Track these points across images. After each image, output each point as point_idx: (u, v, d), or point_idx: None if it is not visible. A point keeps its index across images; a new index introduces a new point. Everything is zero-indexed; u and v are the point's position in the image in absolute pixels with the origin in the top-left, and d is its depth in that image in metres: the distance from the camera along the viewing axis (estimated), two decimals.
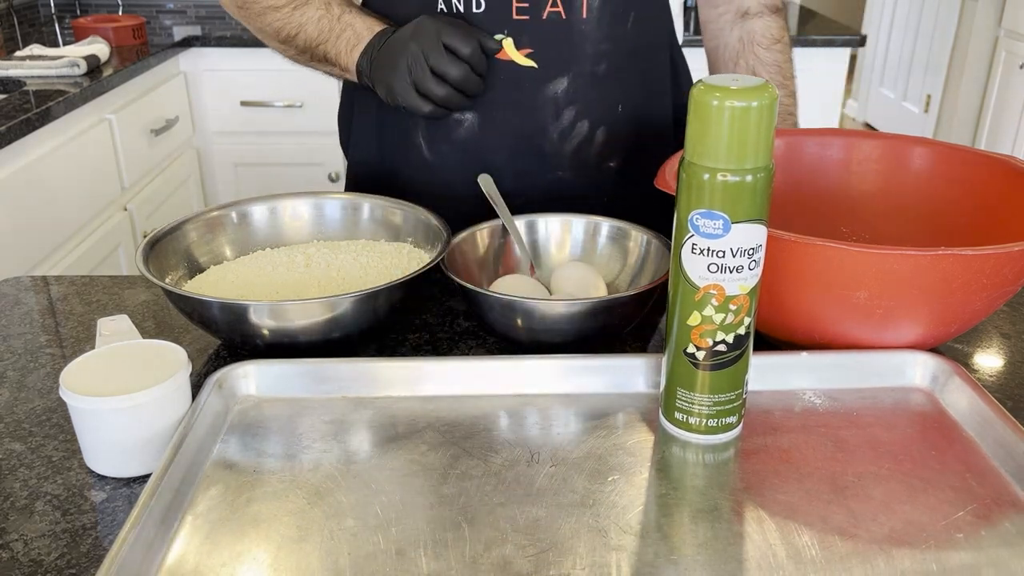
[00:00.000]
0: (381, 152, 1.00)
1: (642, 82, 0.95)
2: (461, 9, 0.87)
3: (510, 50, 0.88)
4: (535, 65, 0.89)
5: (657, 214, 0.81)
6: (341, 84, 1.05)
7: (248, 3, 0.93)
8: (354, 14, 0.90)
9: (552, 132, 0.93)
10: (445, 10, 0.88)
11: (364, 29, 0.89)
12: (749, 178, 0.52)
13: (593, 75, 0.91)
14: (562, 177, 0.95)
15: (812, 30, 2.48)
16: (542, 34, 0.88)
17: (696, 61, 1.03)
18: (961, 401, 0.63)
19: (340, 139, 1.09)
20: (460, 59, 0.82)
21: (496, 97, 0.90)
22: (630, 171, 0.96)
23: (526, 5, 0.87)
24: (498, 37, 0.87)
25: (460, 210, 0.85)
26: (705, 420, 0.59)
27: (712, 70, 1.05)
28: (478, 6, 0.87)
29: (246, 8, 0.94)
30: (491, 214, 0.84)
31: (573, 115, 0.92)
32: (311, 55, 0.93)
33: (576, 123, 0.92)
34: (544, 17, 0.87)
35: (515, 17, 0.87)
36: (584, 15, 0.88)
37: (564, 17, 0.88)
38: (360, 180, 1.04)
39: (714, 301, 0.56)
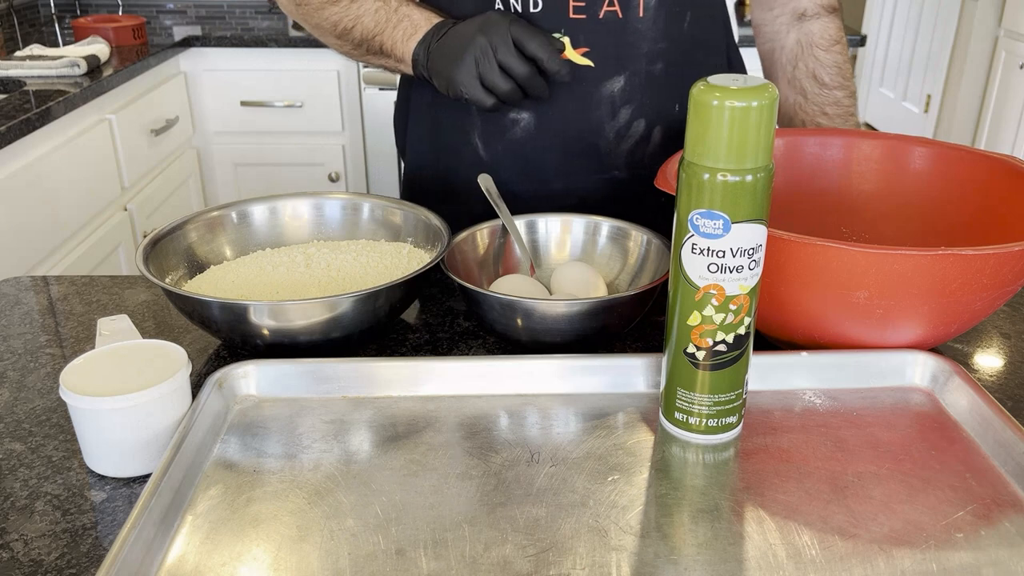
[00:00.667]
0: (436, 153, 1.00)
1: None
2: (519, 8, 0.87)
3: (567, 49, 0.88)
4: (592, 64, 0.89)
5: (658, 213, 0.81)
6: (398, 82, 1.05)
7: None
8: (412, 6, 0.90)
9: (608, 131, 0.93)
10: (503, 9, 0.88)
11: (422, 20, 0.88)
12: (749, 178, 0.52)
13: (649, 74, 0.91)
14: (617, 177, 0.95)
15: None
16: (599, 33, 0.88)
17: (751, 60, 1.02)
18: (961, 401, 0.63)
19: (396, 142, 1.09)
20: (527, 57, 0.81)
21: (553, 96, 0.90)
22: None
23: (583, 4, 0.87)
24: (555, 36, 0.87)
25: (515, 209, 0.85)
26: (705, 420, 0.59)
27: (768, 74, 1.04)
28: (535, 5, 0.87)
29: (305, 4, 0.93)
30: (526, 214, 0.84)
31: (629, 114, 0.92)
32: (367, 47, 0.92)
33: (632, 122, 0.93)
34: (601, 16, 0.88)
35: (572, 16, 0.87)
36: (641, 14, 0.88)
37: (621, 16, 0.88)
38: (415, 181, 1.04)
39: (714, 301, 0.56)
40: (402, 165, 1.08)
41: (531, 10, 0.87)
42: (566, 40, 0.87)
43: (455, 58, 0.83)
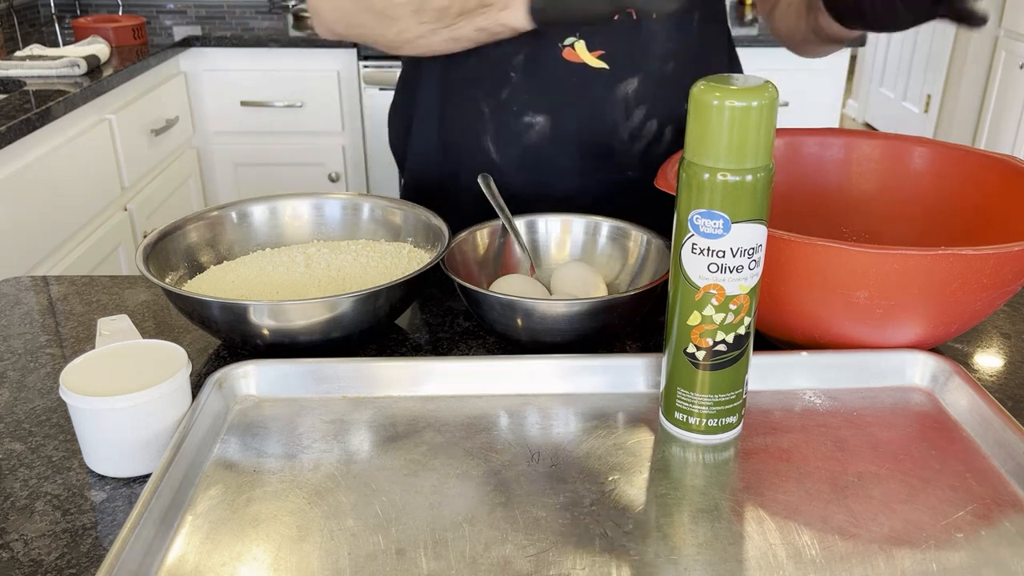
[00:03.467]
0: (443, 154, 0.99)
1: None
2: None
3: (582, 52, 0.88)
4: (607, 67, 0.89)
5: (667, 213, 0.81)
6: (397, 81, 1.03)
7: None
8: None
9: (623, 132, 0.93)
10: None
11: None
12: (749, 178, 0.52)
13: (662, 75, 0.91)
14: (631, 177, 0.96)
15: None
16: (614, 35, 0.88)
17: (747, 60, 1.02)
18: (961, 401, 0.63)
19: (391, 144, 1.08)
20: None
21: (567, 99, 0.90)
22: None
23: None
24: (570, 40, 0.87)
25: (528, 211, 0.85)
26: (705, 420, 0.59)
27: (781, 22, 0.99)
28: None
29: None
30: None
31: (643, 115, 0.93)
32: (459, 7, 0.81)
33: (646, 122, 0.93)
34: (615, 19, 0.88)
35: None
36: (653, 15, 0.88)
37: (635, 18, 0.88)
38: (418, 183, 1.03)
39: (714, 301, 0.56)
40: (403, 166, 1.07)
41: None
42: (580, 44, 0.87)
43: None
